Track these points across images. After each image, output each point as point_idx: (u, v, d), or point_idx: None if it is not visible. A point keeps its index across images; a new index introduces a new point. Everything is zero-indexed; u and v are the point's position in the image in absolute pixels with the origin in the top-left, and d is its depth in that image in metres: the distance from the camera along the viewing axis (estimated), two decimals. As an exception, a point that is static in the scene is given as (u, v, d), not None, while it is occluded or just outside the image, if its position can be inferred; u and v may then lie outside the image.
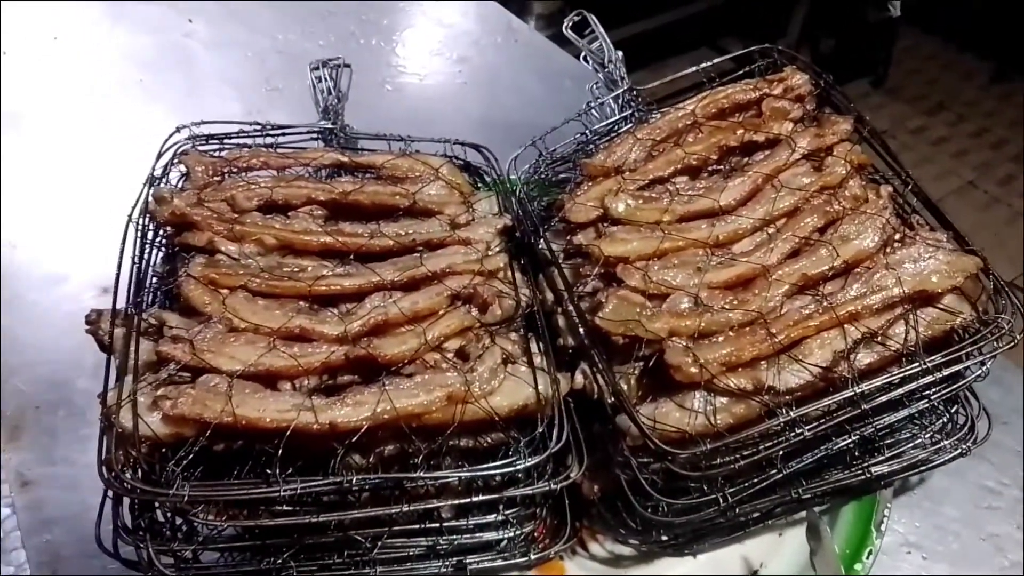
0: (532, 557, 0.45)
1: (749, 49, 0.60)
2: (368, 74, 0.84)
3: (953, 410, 0.47)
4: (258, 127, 0.56)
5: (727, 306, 0.47)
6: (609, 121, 0.60)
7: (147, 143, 0.75)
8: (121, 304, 0.46)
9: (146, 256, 0.49)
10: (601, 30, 0.64)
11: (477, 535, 0.45)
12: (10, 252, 0.69)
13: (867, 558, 0.45)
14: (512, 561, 0.45)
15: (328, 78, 0.62)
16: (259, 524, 0.40)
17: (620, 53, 0.64)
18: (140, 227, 0.49)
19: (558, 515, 0.48)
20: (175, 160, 0.53)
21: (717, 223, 0.51)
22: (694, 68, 0.60)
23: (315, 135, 0.58)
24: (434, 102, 0.85)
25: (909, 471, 0.47)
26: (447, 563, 0.44)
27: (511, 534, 0.45)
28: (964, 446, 0.47)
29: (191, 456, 0.39)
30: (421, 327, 0.46)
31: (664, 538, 0.48)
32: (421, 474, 0.41)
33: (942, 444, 0.46)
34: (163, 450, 0.40)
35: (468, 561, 0.43)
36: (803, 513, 0.48)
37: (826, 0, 2.18)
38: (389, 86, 0.88)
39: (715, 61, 0.60)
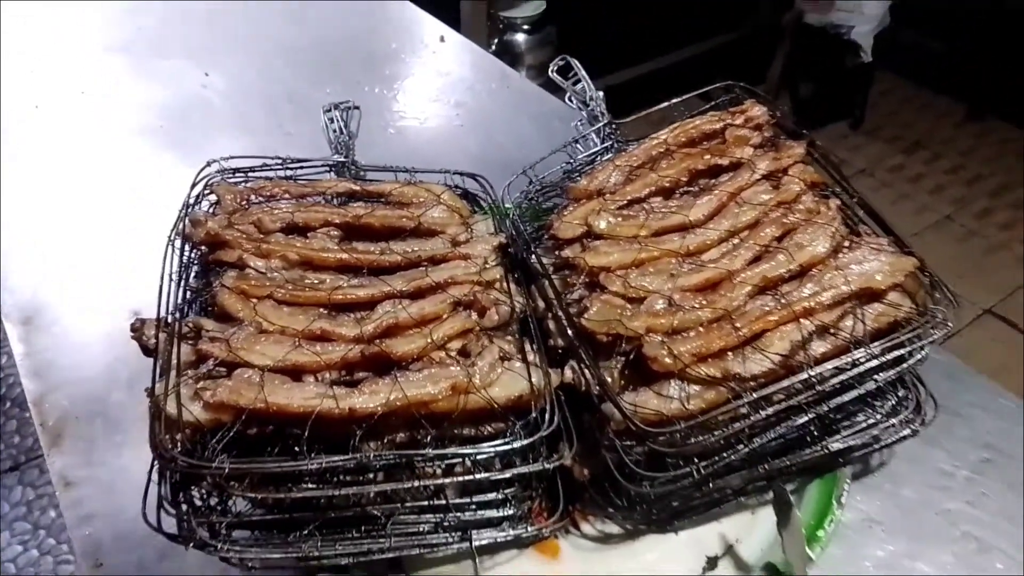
0: (529, 529, 0.50)
1: (715, 86, 0.68)
2: (372, 119, 0.91)
3: (901, 394, 0.53)
4: (279, 161, 0.63)
5: (697, 306, 0.53)
6: (591, 152, 0.68)
7: (169, 183, 0.82)
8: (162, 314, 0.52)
9: (183, 273, 0.55)
10: (583, 73, 0.72)
11: (480, 512, 0.50)
12: (49, 283, 0.75)
13: (828, 525, 0.50)
14: (512, 533, 0.50)
15: (339, 119, 0.70)
16: (288, 496, 0.45)
17: (601, 93, 0.71)
18: (178, 248, 0.56)
19: (552, 499, 0.53)
20: (206, 191, 0.59)
21: (688, 236, 0.58)
22: (666, 104, 0.67)
23: (328, 168, 0.65)
24: (434, 142, 0.93)
25: (864, 448, 0.52)
26: (453, 536, 0.49)
27: (510, 512, 0.51)
28: (913, 427, 0.53)
29: (228, 438, 0.45)
30: (427, 329, 0.52)
31: (647, 515, 0.53)
32: (429, 451, 0.47)
33: (892, 423, 0.52)
34: (202, 437, 0.46)
35: (473, 535, 0.48)
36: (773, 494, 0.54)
37: (804, 47, 2.31)
38: (392, 129, 0.96)
39: (684, 97, 0.68)
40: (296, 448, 0.45)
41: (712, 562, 0.53)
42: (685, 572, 0.52)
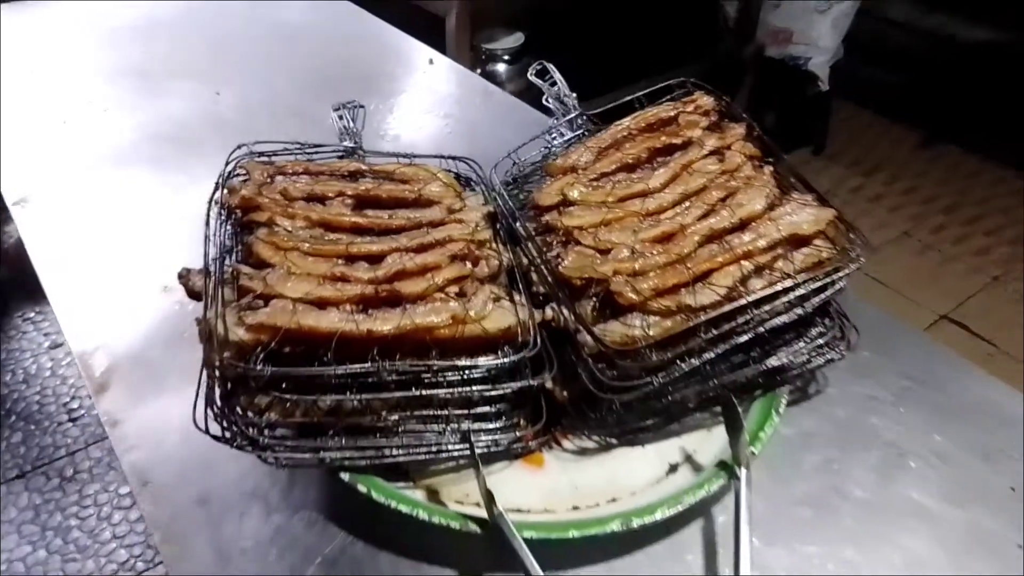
0: (518, 434, 0.59)
1: (671, 82, 0.79)
2: (371, 127, 1.01)
3: (828, 323, 0.63)
4: (298, 146, 0.73)
5: (655, 253, 0.64)
6: (566, 139, 0.79)
7: (190, 178, 0.92)
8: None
9: (220, 233, 0.65)
10: (558, 75, 0.84)
11: (477, 424, 0.59)
12: (88, 263, 0.84)
13: (768, 428, 0.60)
14: (504, 442, 0.59)
15: (347, 116, 0.80)
16: (317, 400, 0.54)
17: (575, 94, 0.83)
18: (216, 214, 0.66)
19: (538, 421, 0.62)
20: (238, 168, 0.69)
21: (647, 200, 0.69)
22: (630, 97, 0.79)
23: (340, 153, 0.76)
24: (427, 146, 1.03)
25: (798, 367, 0.62)
26: (454, 440, 0.58)
27: (502, 425, 0.60)
28: (839, 350, 0.63)
29: (267, 352, 0.54)
30: (429, 275, 0.62)
31: (617, 427, 0.62)
32: (435, 363, 0.56)
33: (820, 344, 0.62)
34: (244, 359, 0.55)
35: (473, 440, 0.57)
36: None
37: (766, 79, 2.47)
38: (389, 136, 1.07)
39: (645, 92, 0.79)
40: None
41: (673, 467, 0.62)
42: (651, 475, 0.61)
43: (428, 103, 1.17)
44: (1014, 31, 2.33)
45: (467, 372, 0.58)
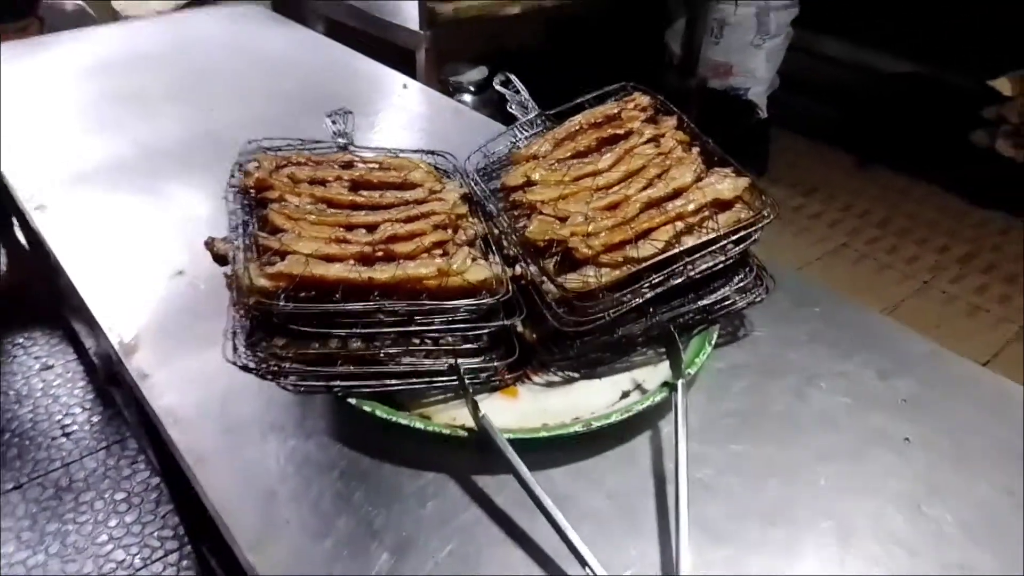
0: (496, 364, 0.71)
1: (614, 86, 0.94)
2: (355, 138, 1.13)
3: (749, 270, 0.77)
4: (299, 141, 0.86)
5: (605, 218, 0.77)
6: (528, 134, 0.92)
7: (196, 181, 1.03)
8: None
9: (236, 210, 0.76)
10: (519, 84, 0.98)
11: (461, 359, 0.70)
12: (106, 256, 0.94)
13: (701, 355, 0.72)
14: (485, 370, 0.70)
15: (340, 120, 0.93)
16: (328, 331, 0.65)
17: (534, 103, 0.97)
18: (232, 196, 0.77)
19: (512, 357, 0.73)
20: (249, 159, 0.81)
21: (597, 178, 0.82)
22: (580, 99, 0.93)
23: (335, 149, 0.88)
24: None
25: (726, 305, 0.75)
26: (443, 366, 0.69)
27: (482, 360, 0.71)
28: (758, 293, 0.76)
29: (286, 296, 0.65)
30: (417, 239, 0.74)
31: (578, 361, 0.74)
32: (425, 303, 0.68)
33: (743, 285, 0.75)
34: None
35: (458, 364, 0.69)
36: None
37: (710, 109, 2.67)
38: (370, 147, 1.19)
39: (593, 95, 0.93)
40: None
41: (626, 393, 0.74)
42: (607, 400, 0.73)
43: (404, 121, 1.30)
44: (930, 63, 2.57)
45: (452, 314, 0.69)
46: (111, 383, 1.59)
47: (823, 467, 0.67)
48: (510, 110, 1.00)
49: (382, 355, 0.68)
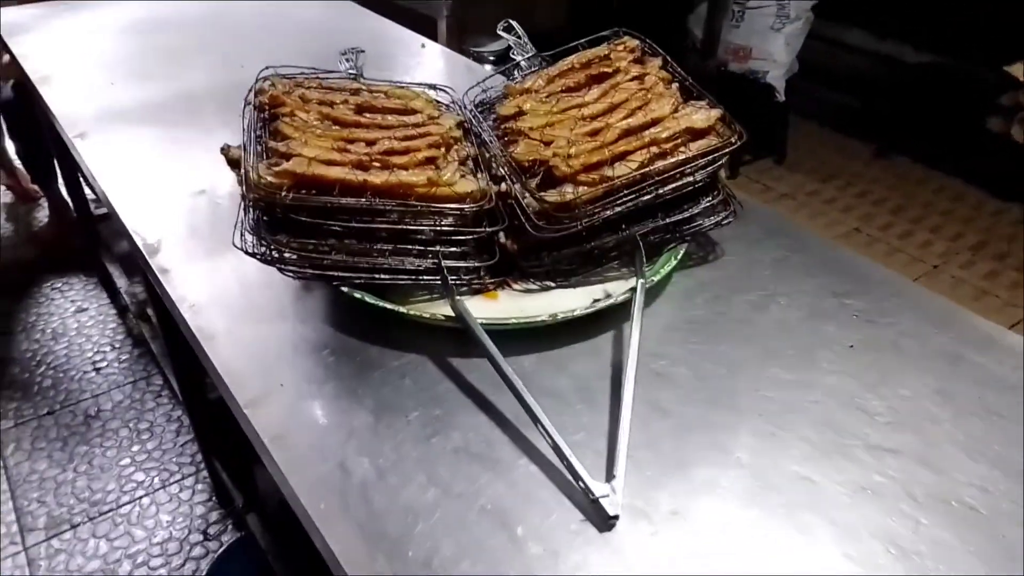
0: (479, 264, 0.78)
1: (606, 32, 1.00)
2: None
3: (715, 195, 0.83)
4: (312, 70, 0.94)
5: (585, 142, 0.84)
6: (524, 73, 0.99)
7: (216, 125, 1.11)
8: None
9: (253, 123, 0.84)
10: (520, 30, 1.05)
11: (446, 261, 0.77)
12: (138, 177, 1.03)
13: (667, 266, 0.79)
14: (468, 271, 0.77)
15: (353, 58, 1.01)
16: (325, 222, 0.73)
17: (532, 45, 1.04)
18: (249, 112, 0.85)
19: (494, 268, 0.80)
20: (267, 81, 0.90)
21: (583, 109, 0.89)
22: (574, 43, 1.00)
23: (346, 78, 0.96)
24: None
25: (693, 225, 0.81)
26: (430, 265, 0.76)
27: (466, 263, 0.78)
28: (726, 215, 0.82)
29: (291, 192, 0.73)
30: (412, 153, 0.82)
31: (554, 270, 0.81)
32: (416, 204, 0.75)
33: (711, 204, 0.81)
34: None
35: (443, 266, 0.76)
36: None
37: (728, 92, 2.70)
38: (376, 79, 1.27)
39: (587, 39, 1.00)
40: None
41: (596, 300, 0.80)
42: (579, 305, 0.80)
43: (420, 76, 1.38)
44: (947, 52, 2.58)
45: (438, 217, 0.77)
46: (141, 318, 1.69)
47: (770, 363, 0.73)
48: (512, 56, 1.07)
49: (374, 251, 0.76)
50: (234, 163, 0.81)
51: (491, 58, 2.08)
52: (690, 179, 0.80)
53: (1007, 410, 0.68)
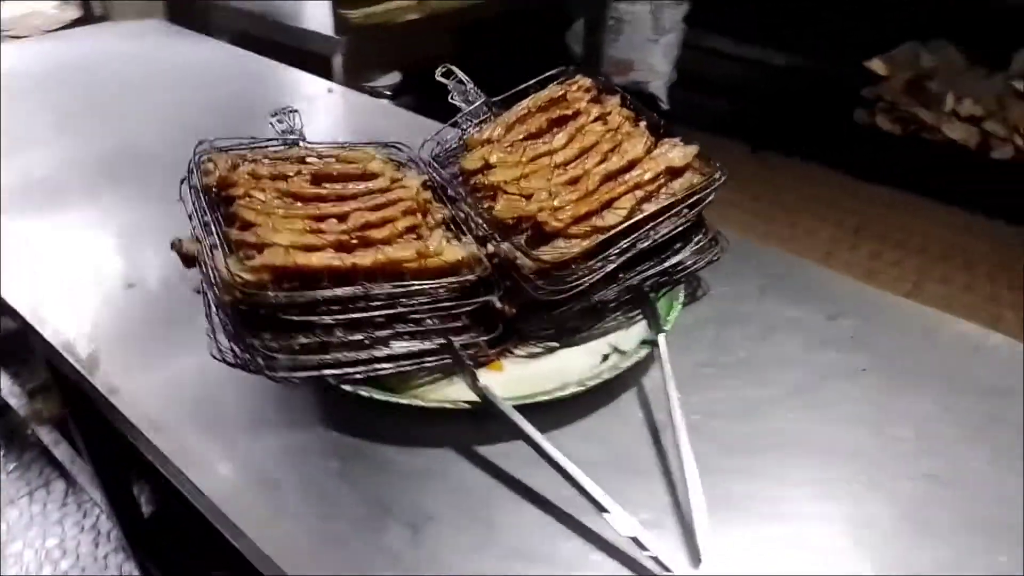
0: (482, 339, 0.72)
1: (555, 71, 0.97)
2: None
3: (705, 234, 0.81)
4: (251, 139, 0.85)
5: (568, 192, 0.80)
6: (477, 122, 0.95)
7: (125, 204, 0.99)
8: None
9: (198, 210, 0.74)
10: (463, 75, 1.00)
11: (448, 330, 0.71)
12: (45, 273, 0.89)
13: (673, 313, 0.77)
14: (471, 342, 0.72)
15: (287, 120, 0.92)
16: (318, 319, 0.65)
17: (479, 91, 0.99)
18: (190, 196, 0.75)
19: (494, 332, 0.75)
20: (203, 159, 0.80)
21: (554, 156, 0.85)
22: (524, 85, 0.96)
23: (287, 144, 0.87)
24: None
25: (688, 266, 0.80)
26: (435, 345, 0.70)
27: (468, 337, 0.73)
28: (714, 254, 0.81)
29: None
30: (390, 224, 0.75)
31: (556, 329, 0.77)
32: (413, 284, 0.69)
33: (701, 245, 0.80)
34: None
35: (451, 340, 0.70)
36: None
37: (614, 105, 2.77)
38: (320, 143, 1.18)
39: (536, 80, 0.97)
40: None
41: (605, 356, 0.77)
42: (589, 364, 0.76)
43: (336, 122, 1.29)
44: (816, 55, 2.77)
45: (435, 293, 0.71)
46: (37, 420, 1.49)
47: (790, 401, 0.72)
48: (451, 101, 1.02)
49: (367, 340, 0.69)
50: (189, 259, 0.71)
51: (387, 93, 2.01)
52: (684, 219, 0.79)
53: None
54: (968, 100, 2.42)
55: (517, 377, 0.74)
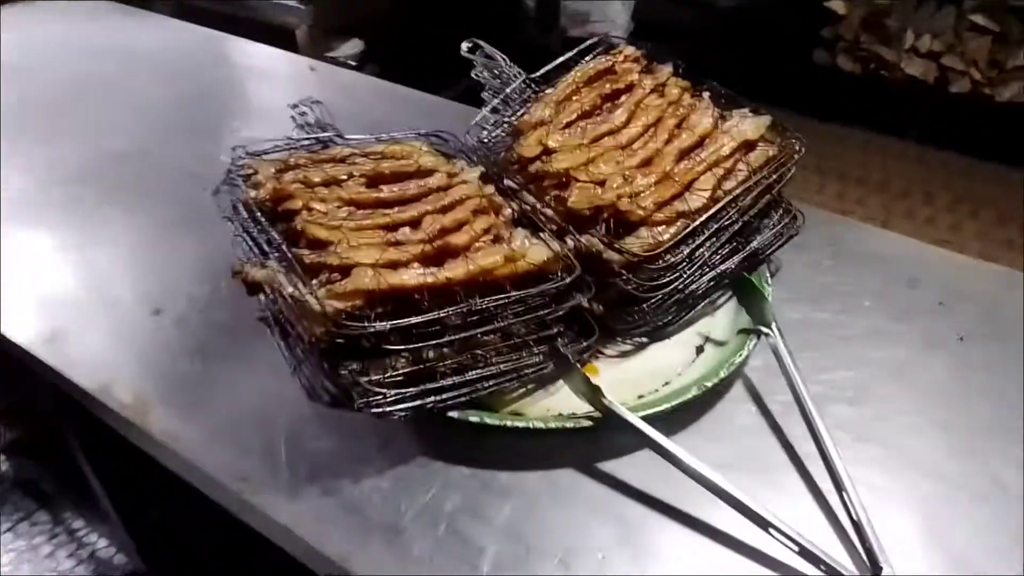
0: (585, 343, 0.67)
1: (590, 42, 0.91)
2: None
3: (785, 209, 0.78)
4: (287, 140, 0.76)
5: (643, 176, 0.75)
6: (520, 100, 0.88)
7: (130, 220, 0.88)
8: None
9: (252, 229, 0.66)
10: (490, 47, 0.92)
11: (546, 345, 0.66)
12: (60, 309, 0.79)
13: (768, 297, 0.73)
14: (572, 351, 0.67)
15: (311, 111, 0.83)
16: (428, 346, 0.59)
17: (518, 68, 0.92)
18: (240, 214, 0.67)
19: (591, 335, 0.70)
20: (241, 169, 0.71)
21: (618, 136, 0.79)
22: (563, 58, 0.89)
23: (323, 143, 0.79)
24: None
25: (772, 247, 0.76)
26: (538, 359, 0.65)
27: (567, 341, 0.67)
28: (794, 230, 0.78)
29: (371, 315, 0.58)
30: (467, 227, 0.68)
31: (647, 324, 0.72)
32: (513, 293, 0.63)
33: (785, 223, 0.76)
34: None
35: (565, 349, 0.65)
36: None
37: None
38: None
39: (573, 52, 0.90)
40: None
41: (699, 348, 0.73)
42: (685, 358, 0.72)
43: (338, 107, 1.19)
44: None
45: (531, 301, 0.65)
46: (13, 452, 1.37)
47: (901, 380, 0.70)
48: (475, 76, 0.95)
49: (470, 359, 0.63)
50: (255, 287, 0.63)
51: (350, 63, 1.88)
52: (768, 196, 0.75)
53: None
54: (927, 36, 2.45)
55: (617, 379, 0.70)
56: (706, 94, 0.83)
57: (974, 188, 2.48)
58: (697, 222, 0.71)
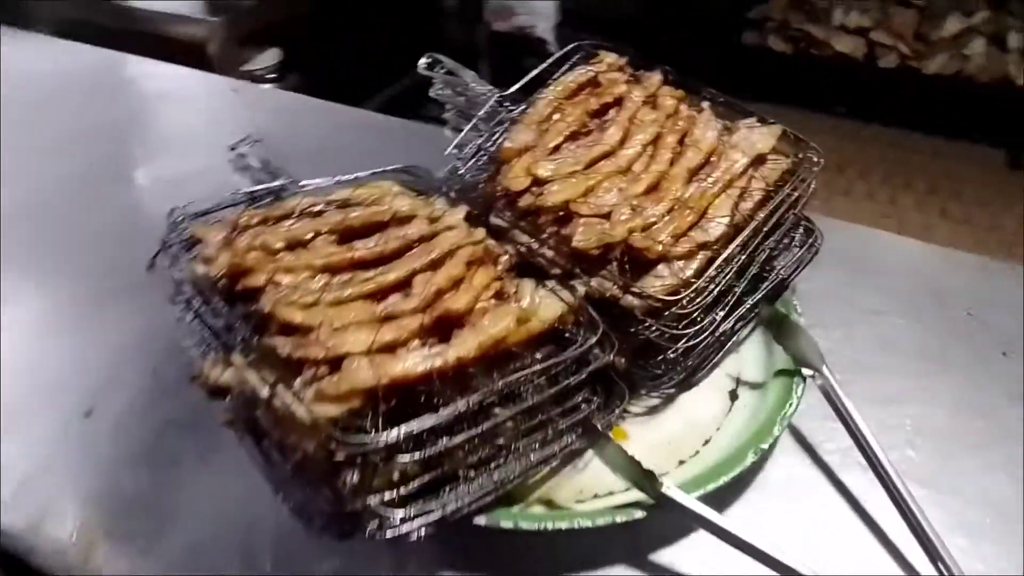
0: (616, 410, 0.58)
1: (567, 49, 0.81)
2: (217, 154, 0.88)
3: (805, 229, 0.70)
4: (231, 195, 0.63)
5: (653, 205, 0.66)
6: (494, 123, 0.77)
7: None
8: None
9: (202, 315, 0.54)
10: (452, 62, 0.81)
11: (571, 416, 0.56)
12: None
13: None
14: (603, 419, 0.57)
15: (252, 152, 0.70)
16: (445, 447, 0.48)
17: (473, 73, 0.81)
18: (185, 296, 0.54)
19: (624, 396, 0.60)
20: (180, 238, 0.58)
21: (617, 159, 0.70)
22: (536, 71, 0.79)
23: (274, 193, 0.66)
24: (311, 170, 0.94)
25: (795, 270, 0.68)
26: (569, 439, 0.55)
27: (594, 407, 0.58)
28: (815, 249, 0.70)
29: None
30: (463, 285, 0.58)
31: (675, 374, 0.63)
32: (537, 366, 0.53)
33: (809, 244, 0.69)
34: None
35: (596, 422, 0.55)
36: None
37: (504, 52, 2.59)
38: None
39: (547, 63, 0.80)
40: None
41: (732, 393, 0.65)
42: (719, 408, 0.64)
43: (280, 136, 1.05)
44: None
45: (556, 367, 0.55)
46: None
47: (949, 401, 0.64)
48: (435, 95, 0.84)
49: (492, 451, 0.53)
50: (219, 391, 0.51)
51: (268, 76, 1.72)
52: (791, 215, 0.67)
53: None
54: (854, 12, 2.46)
55: (650, 443, 0.62)
56: (706, 104, 0.74)
57: (907, 159, 2.51)
58: (723, 255, 0.62)
